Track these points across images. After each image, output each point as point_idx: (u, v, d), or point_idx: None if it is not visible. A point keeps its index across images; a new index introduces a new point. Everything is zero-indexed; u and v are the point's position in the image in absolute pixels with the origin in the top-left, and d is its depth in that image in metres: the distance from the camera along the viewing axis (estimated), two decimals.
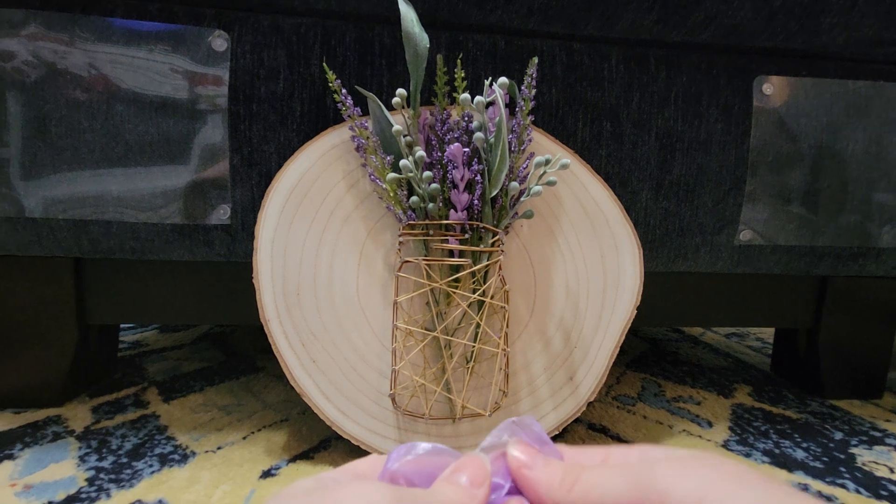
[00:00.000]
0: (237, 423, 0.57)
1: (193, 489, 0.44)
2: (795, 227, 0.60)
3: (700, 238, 0.59)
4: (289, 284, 0.48)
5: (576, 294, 0.52)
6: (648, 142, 0.56)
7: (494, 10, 0.51)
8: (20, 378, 0.58)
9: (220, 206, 0.52)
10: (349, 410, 0.49)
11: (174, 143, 0.50)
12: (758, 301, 0.68)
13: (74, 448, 0.50)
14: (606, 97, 0.54)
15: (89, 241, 0.52)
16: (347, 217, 0.49)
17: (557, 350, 0.51)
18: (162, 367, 0.73)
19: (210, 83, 0.50)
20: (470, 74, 0.52)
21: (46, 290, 0.56)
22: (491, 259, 0.48)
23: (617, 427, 0.59)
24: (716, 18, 0.53)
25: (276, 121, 0.51)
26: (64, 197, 0.50)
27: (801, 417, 0.64)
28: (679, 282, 0.66)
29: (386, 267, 0.49)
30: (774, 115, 0.57)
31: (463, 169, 0.46)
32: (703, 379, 0.76)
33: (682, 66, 0.56)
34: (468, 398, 0.49)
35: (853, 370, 0.70)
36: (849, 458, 0.55)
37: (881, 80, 0.59)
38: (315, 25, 0.51)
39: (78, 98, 0.49)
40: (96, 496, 0.43)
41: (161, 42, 0.49)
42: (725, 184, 0.58)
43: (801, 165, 0.59)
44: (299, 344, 0.48)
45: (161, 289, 0.58)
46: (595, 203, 0.52)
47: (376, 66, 0.51)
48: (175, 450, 0.51)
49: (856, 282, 0.68)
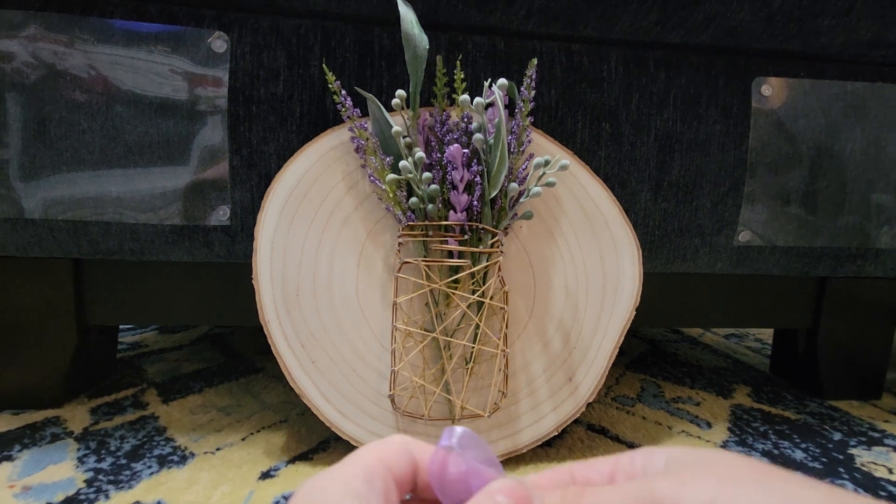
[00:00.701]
0: (236, 425, 0.57)
1: (192, 490, 0.44)
2: (794, 228, 0.60)
3: (699, 239, 0.59)
4: (288, 285, 0.48)
5: (575, 295, 0.52)
6: (647, 143, 0.56)
7: (494, 11, 0.51)
8: (19, 379, 0.58)
9: (220, 207, 0.52)
10: (348, 411, 0.49)
11: (174, 145, 0.50)
12: (757, 302, 0.68)
13: (73, 449, 0.50)
14: (605, 98, 0.54)
15: (89, 242, 0.52)
16: (347, 218, 0.49)
17: (557, 351, 0.51)
18: (161, 369, 0.73)
19: (210, 84, 0.50)
20: (469, 76, 0.52)
21: (46, 291, 0.56)
22: (490, 260, 0.48)
23: (616, 428, 0.59)
24: (715, 20, 0.53)
25: (275, 122, 0.51)
26: (63, 198, 0.50)
27: (799, 418, 0.64)
28: (678, 283, 0.66)
29: (385, 268, 0.50)
30: (773, 116, 0.57)
31: (462, 170, 0.46)
32: (702, 380, 0.76)
33: (681, 67, 0.56)
34: (467, 399, 0.49)
35: (852, 371, 0.70)
36: (847, 458, 0.55)
37: (879, 81, 0.59)
38: (315, 27, 0.51)
39: (78, 99, 0.49)
40: (95, 497, 0.43)
41: (161, 43, 0.49)
42: (724, 185, 0.58)
43: (799, 166, 0.59)
44: (299, 345, 0.48)
45: (160, 290, 0.58)
46: (594, 204, 0.52)
47: (376, 68, 0.51)
48: (174, 451, 0.51)
49: (854, 282, 0.68)
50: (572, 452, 0.53)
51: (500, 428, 0.50)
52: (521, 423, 0.51)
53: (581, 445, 0.55)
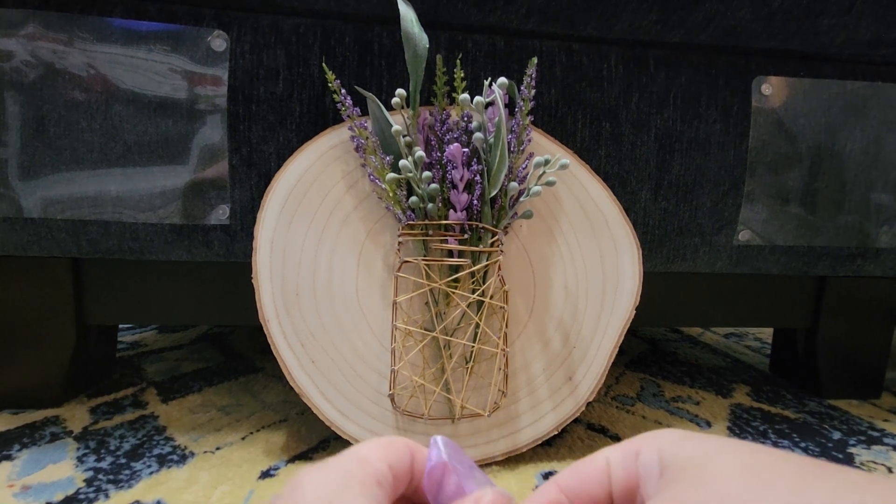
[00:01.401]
0: (236, 424, 0.57)
1: (192, 490, 0.44)
2: (794, 227, 0.60)
3: (699, 238, 0.59)
4: (288, 285, 0.48)
5: (575, 294, 0.52)
6: (647, 142, 0.56)
7: (494, 10, 0.51)
8: (18, 378, 0.57)
9: (219, 206, 0.52)
10: (348, 411, 0.49)
11: (173, 144, 0.50)
12: (756, 301, 0.68)
13: (73, 449, 0.50)
14: (605, 97, 0.54)
15: (88, 242, 0.52)
16: (346, 217, 0.49)
17: (556, 350, 0.51)
18: (161, 368, 0.73)
19: (209, 83, 0.50)
20: (469, 75, 0.52)
21: (45, 290, 0.56)
22: (490, 259, 0.48)
23: (616, 427, 0.59)
24: (715, 19, 0.53)
25: (275, 121, 0.51)
26: (62, 197, 0.50)
27: (799, 417, 0.64)
28: (678, 282, 0.66)
29: (385, 267, 0.49)
30: (773, 115, 0.57)
31: (462, 169, 0.46)
32: (701, 379, 0.76)
33: (681, 66, 0.56)
34: (467, 398, 0.49)
35: (851, 370, 0.70)
36: (847, 457, 0.55)
37: (879, 80, 0.59)
38: (314, 26, 0.51)
39: (76, 98, 0.49)
40: (95, 497, 0.43)
41: (160, 42, 0.49)
42: (724, 184, 0.58)
43: (799, 166, 0.59)
44: (298, 344, 0.48)
45: (160, 289, 0.58)
46: (594, 203, 0.52)
47: (376, 67, 0.51)
48: (174, 450, 0.51)
49: (854, 282, 0.68)
50: (572, 452, 0.53)
51: (500, 427, 0.50)
52: (521, 423, 0.51)
53: (581, 445, 0.55)
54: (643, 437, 0.20)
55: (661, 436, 0.19)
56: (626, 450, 0.20)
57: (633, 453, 0.19)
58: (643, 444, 0.19)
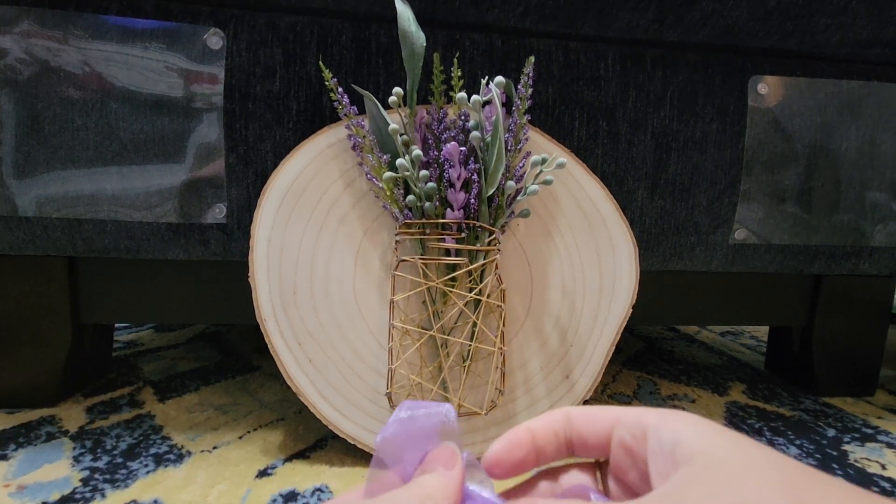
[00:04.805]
0: (233, 423, 0.57)
1: (189, 489, 0.44)
2: (790, 226, 0.60)
3: (695, 237, 0.59)
4: (285, 283, 0.48)
5: (572, 293, 0.52)
6: (644, 141, 0.56)
7: (491, 8, 0.51)
8: (14, 378, 0.57)
9: (216, 204, 0.52)
10: (346, 409, 0.49)
11: (169, 142, 0.50)
12: (752, 299, 0.69)
13: (69, 448, 0.50)
14: (603, 96, 0.54)
15: (83, 241, 0.52)
16: (344, 216, 0.49)
17: (554, 349, 0.52)
18: (157, 367, 0.73)
19: (205, 81, 0.49)
20: (467, 73, 0.52)
21: (40, 289, 0.56)
22: (487, 258, 0.48)
23: None
24: (711, 18, 0.53)
25: (272, 119, 0.51)
26: (58, 196, 0.50)
27: (794, 415, 0.65)
28: (674, 280, 0.66)
29: (382, 266, 0.49)
30: (769, 114, 0.58)
31: (459, 168, 0.46)
32: (697, 377, 0.77)
33: (678, 65, 0.56)
34: (465, 397, 0.50)
35: (846, 368, 0.71)
36: (841, 455, 0.55)
37: (874, 80, 0.59)
38: (311, 24, 0.51)
39: (72, 96, 0.48)
40: (91, 496, 0.43)
41: (156, 40, 0.49)
42: (720, 183, 0.58)
43: (795, 165, 0.59)
44: (296, 343, 0.48)
45: (156, 288, 0.58)
46: (591, 202, 0.52)
47: (373, 65, 0.51)
48: (170, 450, 0.50)
49: (849, 280, 0.68)
50: None
51: (498, 425, 0.50)
52: (519, 421, 0.51)
53: None
54: (661, 411, 0.19)
55: (683, 418, 0.18)
56: (641, 418, 0.19)
57: (645, 425, 0.19)
58: (660, 420, 0.19)
